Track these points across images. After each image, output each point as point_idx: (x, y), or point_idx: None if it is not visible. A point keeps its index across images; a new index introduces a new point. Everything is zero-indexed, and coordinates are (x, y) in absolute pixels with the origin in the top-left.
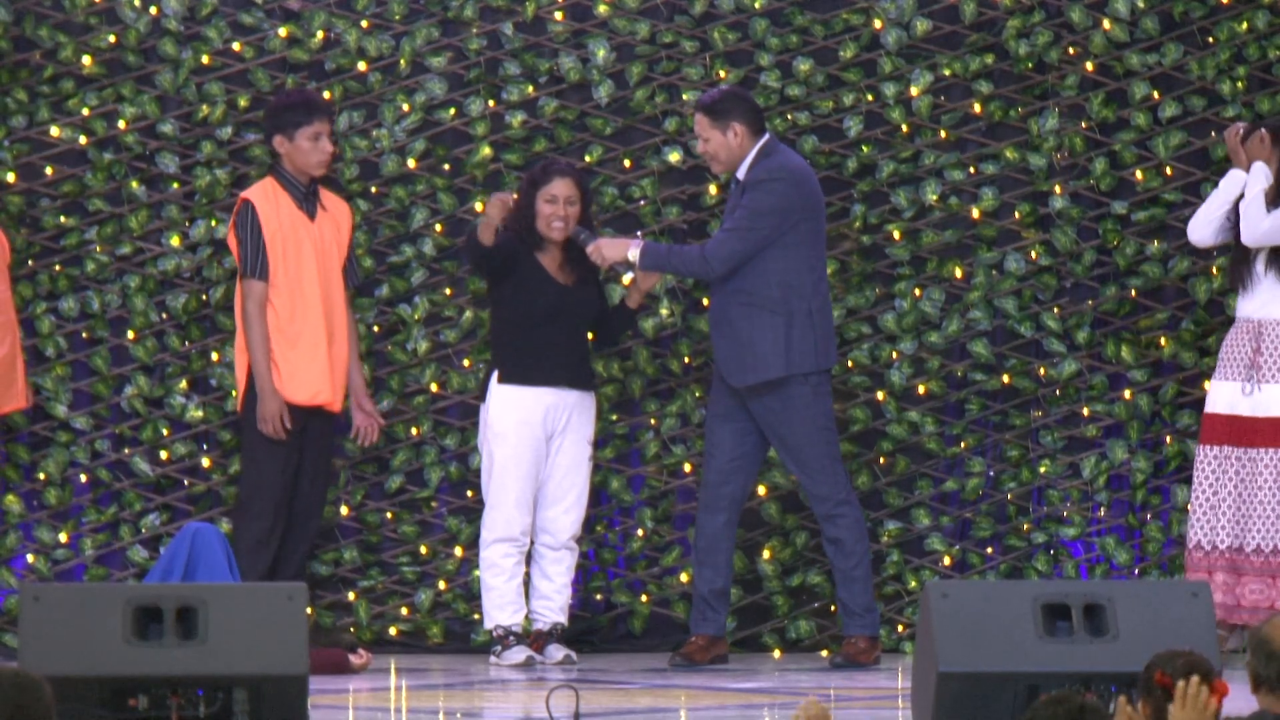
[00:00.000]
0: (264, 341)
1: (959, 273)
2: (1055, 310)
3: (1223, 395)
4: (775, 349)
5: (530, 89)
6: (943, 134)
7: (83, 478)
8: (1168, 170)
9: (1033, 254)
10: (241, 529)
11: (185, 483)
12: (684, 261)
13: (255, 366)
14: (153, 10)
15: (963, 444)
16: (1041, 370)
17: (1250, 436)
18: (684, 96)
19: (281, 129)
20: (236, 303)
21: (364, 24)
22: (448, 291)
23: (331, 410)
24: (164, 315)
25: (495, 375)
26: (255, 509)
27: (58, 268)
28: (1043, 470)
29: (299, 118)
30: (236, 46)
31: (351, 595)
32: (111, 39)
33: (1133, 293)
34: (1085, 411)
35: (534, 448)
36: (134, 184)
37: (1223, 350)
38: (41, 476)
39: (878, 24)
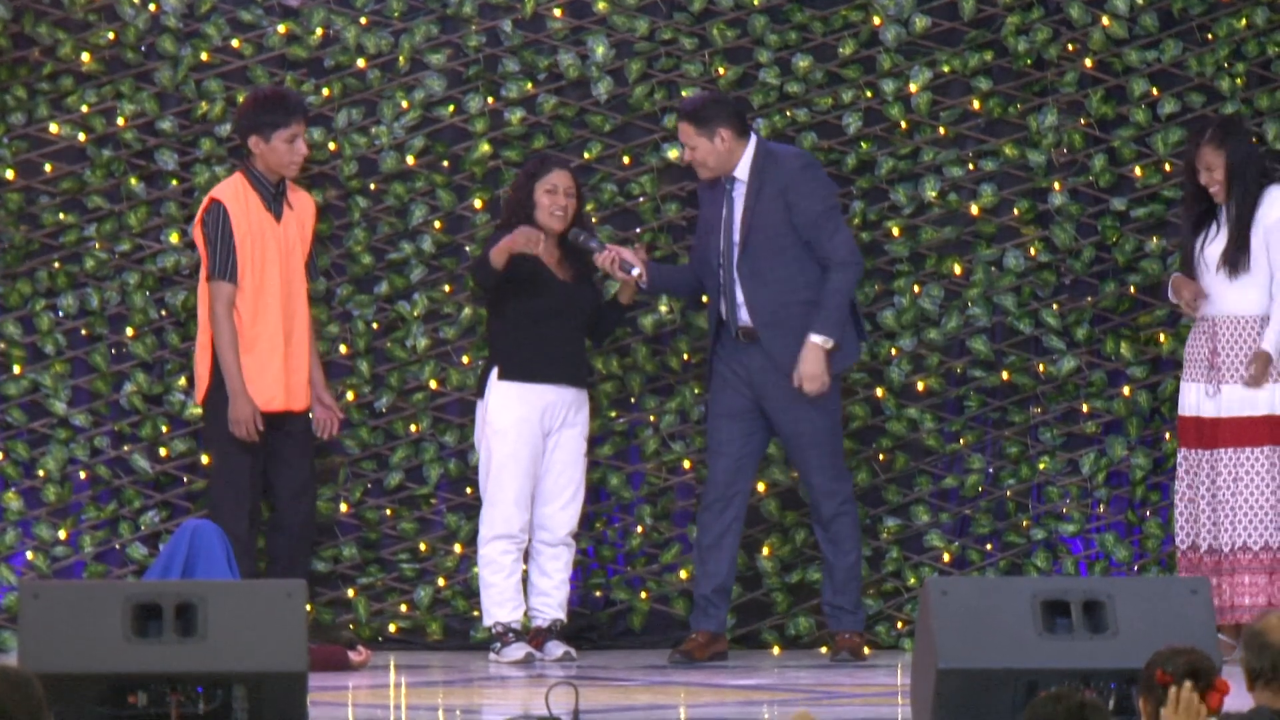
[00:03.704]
0: (234, 343)
1: (958, 269)
2: (1054, 307)
3: (1189, 397)
4: (848, 339)
5: (529, 86)
6: (942, 131)
7: (82, 475)
8: (1167, 167)
9: (1032, 250)
10: None
11: (184, 479)
12: (846, 291)
13: (226, 369)
14: (152, 7)
15: (962, 441)
16: (1041, 367)
17: (1213, 438)
18: (683, 93)
19: (258, 129)
20: (200, 303)
21: (363, 21)
22: (447, 288)
23: (297, 411)
24: (163, 312)
25: (495, 372)
26: (229, 512)
27: (56, 265)
28: (1042, 467)
29: (276, 119)
30: (235, 43)
31: (351, 592)
32: (110, 36)
33: (1132, 289)
34: (1084, 408)
35: (533, 444)
36: (133, 181)
37: (1186, 350)
38: (41, 473)
39: (877, 21)
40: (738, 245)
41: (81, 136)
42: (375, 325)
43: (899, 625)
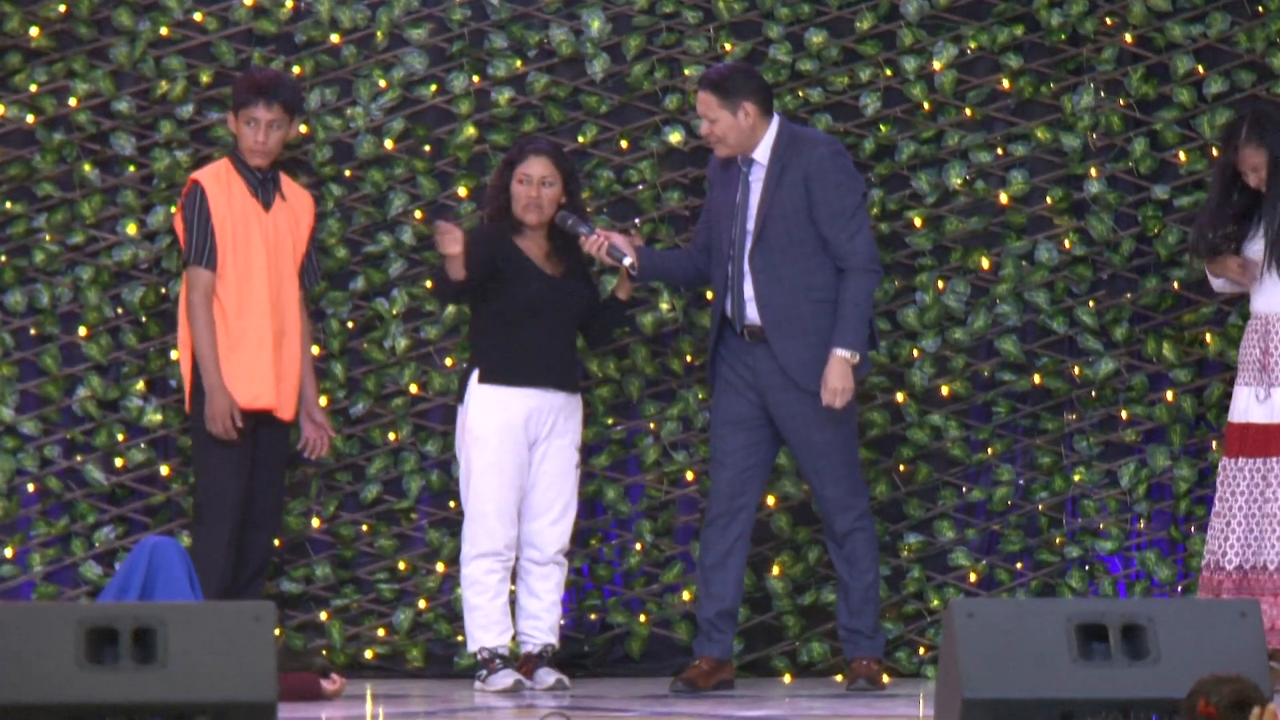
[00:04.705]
0: (210, 334)
1: (986, 263)
2: (1091, 304)
3: (1239, 402)
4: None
5: (518, 64)
6: (968, 112)
7: (30, 487)
8: (1213, 151)
9: (1066, 243)
10: (195, 543)
11: (143, 492)
12: (865, 299)
13: (202, 361)
14: None
15: (990, 450)
16: (1076, 370)
17: (1264, 446)
18: (686, 72)
19: (233, 107)
20: (181, 293)
21: None
22: (428, 284)
23: (281, 418)
24: (119, 310)
25: (475, 374)
26: (209, 521)
27: (3, 258)
28: (1077, 479)
29: (238, 99)
30: (198, 17)
31: (324, 615)
32: (62, 9)
33: (1175, 285)
34: (1123, 414)
35: (516, 454)
36: (86, 167)
37: (1240, 352)
38: None
39: None
40: (751, 234)
41: (30, 118)
42: (351, 324)
43: (921, 651)
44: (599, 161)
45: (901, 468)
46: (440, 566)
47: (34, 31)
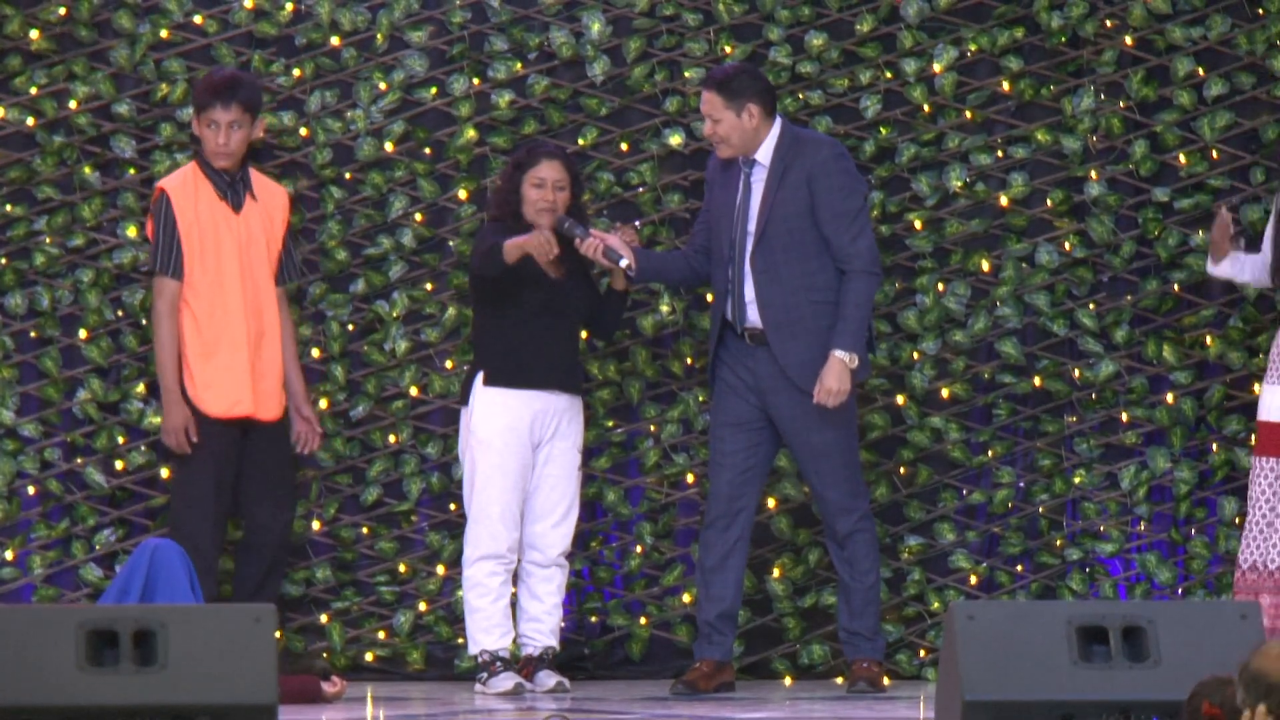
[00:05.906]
0: (173, 345)
1: (986, 266)
2: (1091, 306)
3: (1274, 401)
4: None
5: (518, 66)
6: (968, 114)
7: (31, 490)
8: (1214, 154)
9: (1066, 245)
10: None
11: (143, 495)
12: (866, 302)
13: (161, 372)
14: None
15: (990, 452)
16: (1076, 372)
17: None
18: (686, 74)
19: (194, 112)
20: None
21: None
22: (428, 287)
23: (266, 420)
24: (119, 313)
25: (480, 377)
26: (188, 530)
27: (3, 261)
28: (1077, 481)
29: (197, 101)
30: (198, 20)
31: (324, 617)
32: (62, 11)
33: (1175, 287)
34: (1124, 417)
35: (520, 456)
36: (87, 170)
37: (1272, 350)
38: None
39: None
40: (752, 235)
41: (30, 121)
42: (351, 327)
43: (921, 653)
44: (599, 164)
45: (902, 470)
46: (441, 569)
47: (34, 34)
